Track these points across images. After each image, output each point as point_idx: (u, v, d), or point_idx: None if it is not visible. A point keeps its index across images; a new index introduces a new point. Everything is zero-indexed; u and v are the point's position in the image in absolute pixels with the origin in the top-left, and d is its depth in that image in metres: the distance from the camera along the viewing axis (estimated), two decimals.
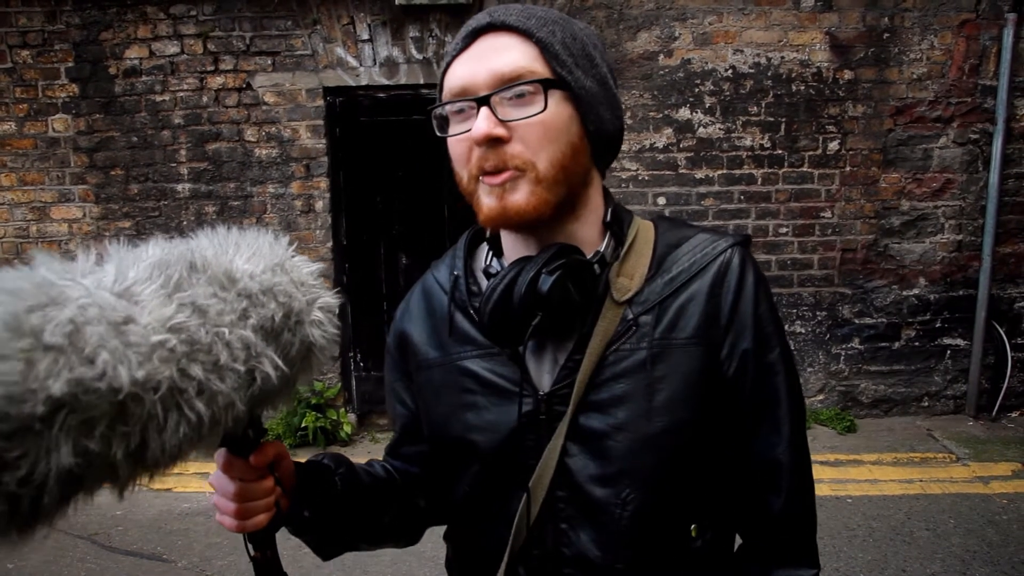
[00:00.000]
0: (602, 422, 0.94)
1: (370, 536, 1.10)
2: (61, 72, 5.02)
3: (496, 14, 0.90)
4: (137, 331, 0.59)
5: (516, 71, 0.88)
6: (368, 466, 1.11)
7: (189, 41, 4.97)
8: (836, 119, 4.95)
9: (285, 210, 5.11)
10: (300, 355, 0.78)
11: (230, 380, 0.67)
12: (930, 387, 5.23)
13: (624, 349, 0.94)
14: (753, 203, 5.04)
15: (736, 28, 4.88)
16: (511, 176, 0.88)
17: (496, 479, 1.00)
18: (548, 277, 0.89)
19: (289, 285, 0.76)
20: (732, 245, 0.97)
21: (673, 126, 4.98)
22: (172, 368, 0.61)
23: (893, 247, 5.09)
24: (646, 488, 0.94)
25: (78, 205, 5.16)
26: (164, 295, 0.63)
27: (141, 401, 0.59)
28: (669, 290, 0.95)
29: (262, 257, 0.76)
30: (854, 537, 3.63)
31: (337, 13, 4.90)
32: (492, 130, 0.87)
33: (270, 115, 5.03)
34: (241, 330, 0.69)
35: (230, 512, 0.89)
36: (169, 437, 0.62)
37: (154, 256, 0.66)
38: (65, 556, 3.70)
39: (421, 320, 1.08)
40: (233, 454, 0.87)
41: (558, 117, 0.89)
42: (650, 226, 1.02)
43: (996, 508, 3.89)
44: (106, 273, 0.62)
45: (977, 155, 4.97)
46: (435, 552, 1.15)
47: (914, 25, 4.84)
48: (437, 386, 1.04)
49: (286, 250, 0.80)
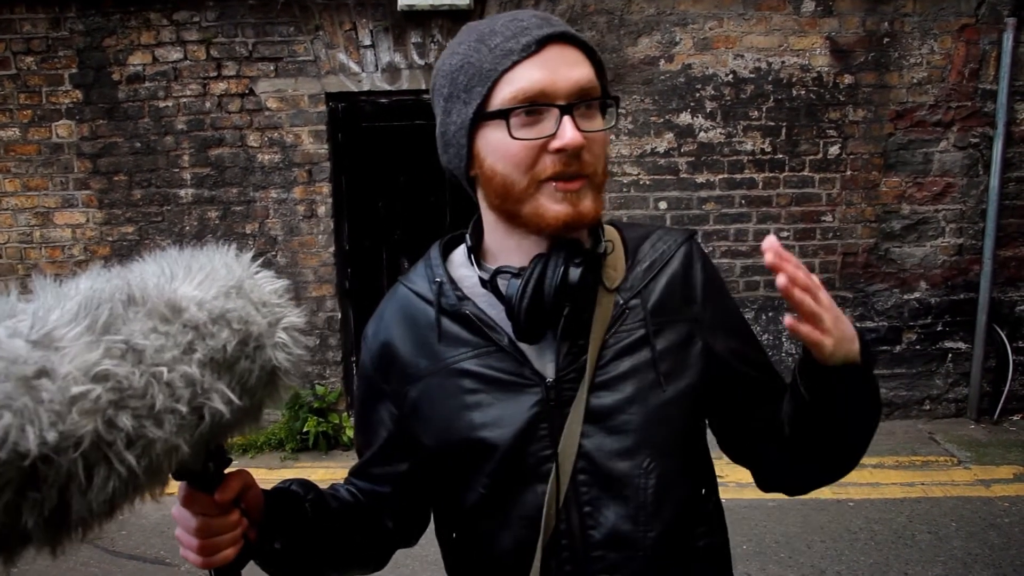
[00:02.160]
0: (613, 399, 0.99)
1: (339, 563, 1.08)
2: (65, 78, 5.04)
3: (560, 28, 0.95)
4: (51, 386, 0.54)
5: (593, 85, 0.95)
6: (333, 491, 1.11)
7: (192, 47, 4.99)
8: (837, 123, 4.96)
9: (287, 215, 5.13)
10: (262, 381, 0.75)
11: (169, 424, 0.62)
12: (931, 390, 5.23)
13: (623, 331, 1.02)
14: (754, 207, 5.05)
15: (736, 33, 4.90)
16: (581, 184, 0.95)
17: (511, 476, 1.00)
18: (576, 269, 0.96)
19: (246, 308, 0.72)
20: (688, 239, 1.11)
21: (674, 131, 4.99)
22: (96, 420, 0.56)
23: (894, 251, 5.09)
24: (663, 455, 1.00)
25: (81, 210, 5.19)
26: (90, 339, 0.58)
27: (54, 463, 0.54)
28: (649, 276, 1.05)
29: (215, 280, 0.71)
30: (856, 540, 3.63)
31: (339, 19, 4.92)
32: (581, 139, 0.92)
33: (272, 120, 5.04)
34: (185, 366, 0.64)
35: (193, 548, 0.86)
36: (96, 495, 0.57)
37: (84, 292, 0.61)
38: (68, 560, 3.72)
39: (401, 333, 1.08)
40: (194, 488, 0.83)
41: (607, 134, 0.99)
42: (613, 226, 1.12)
43: (998, 511, 3.89)
44: (23, 317, 0.57)
45: (977, 159, 4.97)
46: (437, 556, 1.15)
47: (914, 30, 4.85)
48: (433, 394, 1.04)
49: (246, 269, 0.76)
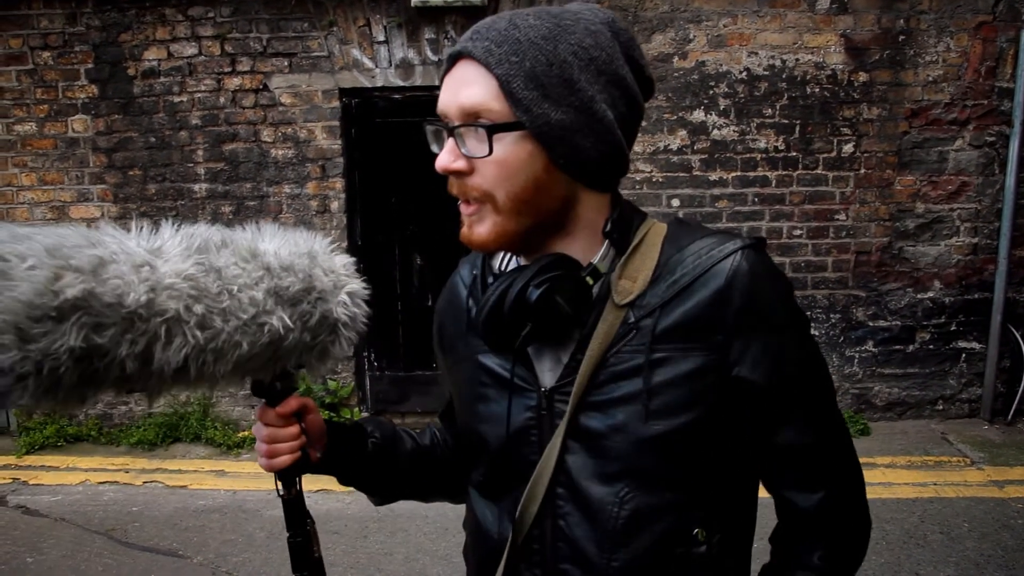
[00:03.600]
0: (601, 423, 0.96)
1: (414, 490, 1.24)
2: (81, 73, 5.08)
3: (469, 42, 0.91)
4: (151, 275, 0.77)
5: (475, 107, 0.89)
6: (418, 433, 1.24)
7: (207, 43, 5.02)
8: (851, 121, 4.93)
9: (301, 210, 5.15)
10: (324, 327, 0.93)
11: (233, 323, 0.83)
12: (945, 390, 5.20)
13: (624, 352, 0.95)
14: (767, 205, 5.04)
15: (751, 30, 4.88)
16: (477, 209, 0.93)
17: (501, 472, 1.05)
18: (535, 290, 0.92)
19: (314, 268, 0.91)
20: (741, 248, 0.94)
21: (687, 128, 4.98)
22: (178, 304, 0.78)
23: (908, 250, 5.07)
24: (644, 489, 0.95)
25: (97, 204, 5.22)
26: (185, 255, 0.81)
27: (146, 320, 0.77)
28: (671, 293, 0.94)
29: (293, 245, 0.92)
30: None
31: (353, 15, 4.93)
32: (450, 164, 0.92)
33: (286, 116, 5.07)
34: (252, 291, 0.85)
35: (261, 452, 1.02)
36: (172, 354, 0.79)
37: (190, 231, 0.85)
38: (82, 551, 3.75)
39: (449, 314, 1.16)
40: (266, 404, 1.02)
41: (514, 156, 0.90)
42: (662, 229, 1.01)
43: (1011, 512, 3.87)
44: (146, 237, 0.82)
45: (993, 158, 4.94)
46: (448, 551, 1.18)
47: (930, 27, 4.82)
48: (461, 378, 1.12)
49: (322, 244, 0.95)
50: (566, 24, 0.91)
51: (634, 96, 0.96)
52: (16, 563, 3.65)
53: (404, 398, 5.39)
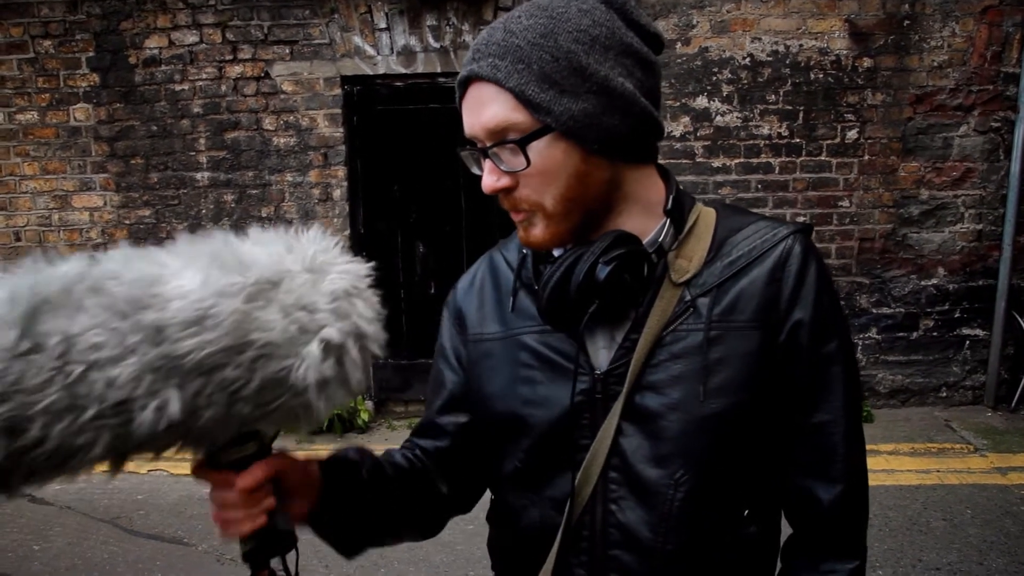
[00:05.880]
0: (657, 402, 0.95)
1: (394, 528, 1.11)
2: (82, 62, 5.07)
3: (473, 64, 0.91)
4: None
5: (499, 126, 0.89)
6: (388, 456, 1.12)
7: (208, 31, 5.00)
8: (855, 107, 4.91)
9: (303, 198, 5.15)
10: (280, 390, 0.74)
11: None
12: (948, 377, 5.20)
13: (681, 330, 0.95)
14: (770, 192, 5.02)
15: (754, 16, 4.85)
16: (527, 215, 0.95)
17: (547, 456, 1.01)
18: (605, 267, 0.91)
19: (263, 309, 0.71)
20: (793, 232, 0.98)
21: (690, 115, 4.96)
22: None
23: (912, 236, 5.05)
24: (699, 470, 0.95)
25: (99, 194, 5.22)
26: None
27: None
28: (728, 273, 0.96)
29: (242, 268, 0.71)
30: (870, 527, 3.58)
31: (355, 2, 4.91)
32: (495, 184, 0.92)
33: (288, 104, 5.05)
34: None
35: (213, 517, 0.91)
36: None
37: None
38: (88, 539, 3.77)
39: (487, 294, 1.11)
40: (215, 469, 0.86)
41: (551, 160, 0.90)
42: (712, 212, 1.03)
43: (1014, 499, 3.87)
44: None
45: (998, 144, 4.91)
46: (452, 538, 1.17)
47: (935, 12, 4.78)
48: (495, 360, 1.06)
49: (309, 260, 0.79)
50: (558, 13, 0.90)
51: (645, 57, 0.98)
52: (22, 551, 3.67)
53: (407, 386, 5.40)
